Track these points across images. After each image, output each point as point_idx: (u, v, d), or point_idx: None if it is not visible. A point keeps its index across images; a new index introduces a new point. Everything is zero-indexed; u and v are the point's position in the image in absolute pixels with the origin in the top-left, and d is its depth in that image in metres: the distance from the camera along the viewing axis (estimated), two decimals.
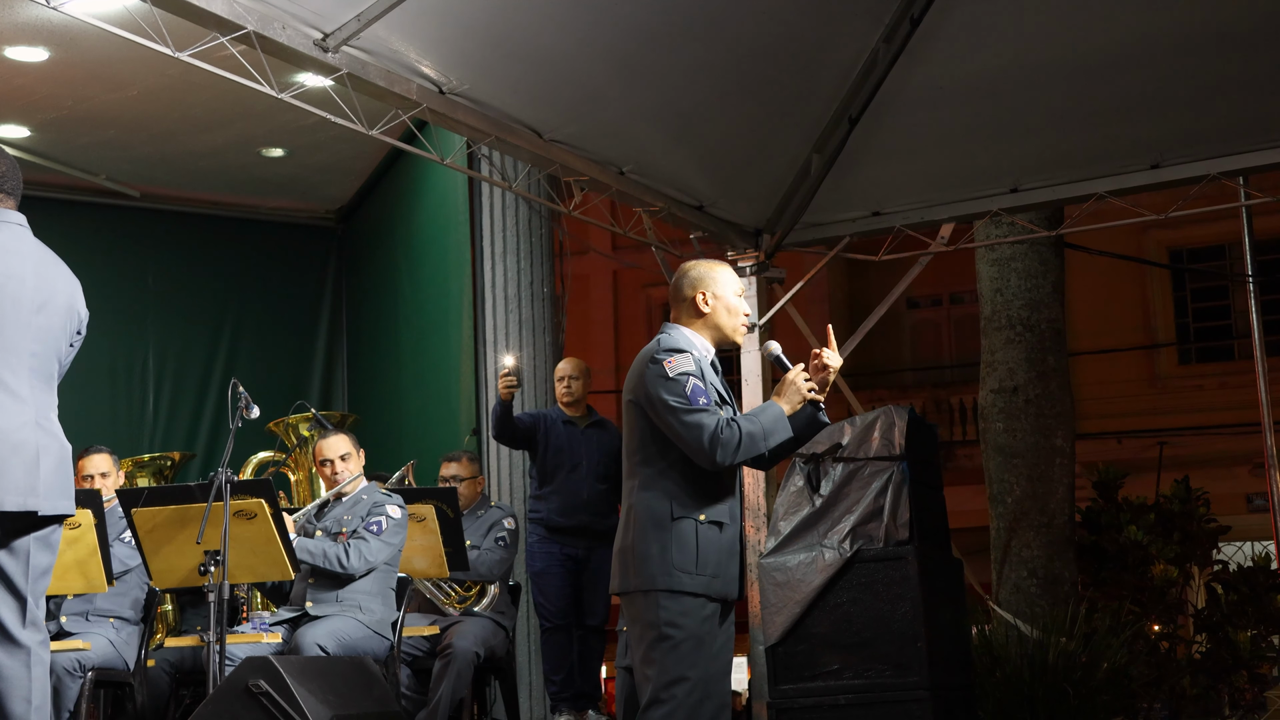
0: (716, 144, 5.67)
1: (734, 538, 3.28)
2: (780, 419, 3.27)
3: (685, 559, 3.18)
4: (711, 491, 3.24)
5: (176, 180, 8.09)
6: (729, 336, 3.41)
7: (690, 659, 3.15)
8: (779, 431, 3.26)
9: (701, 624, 3.18)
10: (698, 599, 3.18)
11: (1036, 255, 7.23)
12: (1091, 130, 5.59)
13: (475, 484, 5.80)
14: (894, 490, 5.09)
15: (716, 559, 3.21)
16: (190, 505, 4.30)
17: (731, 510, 3.29)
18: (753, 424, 3.23)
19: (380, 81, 4.60)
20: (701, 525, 3.20)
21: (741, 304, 3.42)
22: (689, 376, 3.22)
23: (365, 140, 5.01)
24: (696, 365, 3.26)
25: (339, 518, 4.90)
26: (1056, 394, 7.16)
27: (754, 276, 6.25)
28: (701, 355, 3.34)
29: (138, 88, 6.78)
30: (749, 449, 3.20)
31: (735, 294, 3.41)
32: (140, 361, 8.13)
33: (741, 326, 3.41)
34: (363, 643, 4.67)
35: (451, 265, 7.38)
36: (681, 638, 3.15)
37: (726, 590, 3.24)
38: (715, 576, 3.20)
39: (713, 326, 3.39)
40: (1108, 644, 6.26)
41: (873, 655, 4.95)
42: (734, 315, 3.40)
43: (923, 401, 14.47)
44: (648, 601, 3.18)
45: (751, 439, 3.21)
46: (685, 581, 3.17)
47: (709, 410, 3.20)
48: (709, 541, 3.21)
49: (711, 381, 3.31)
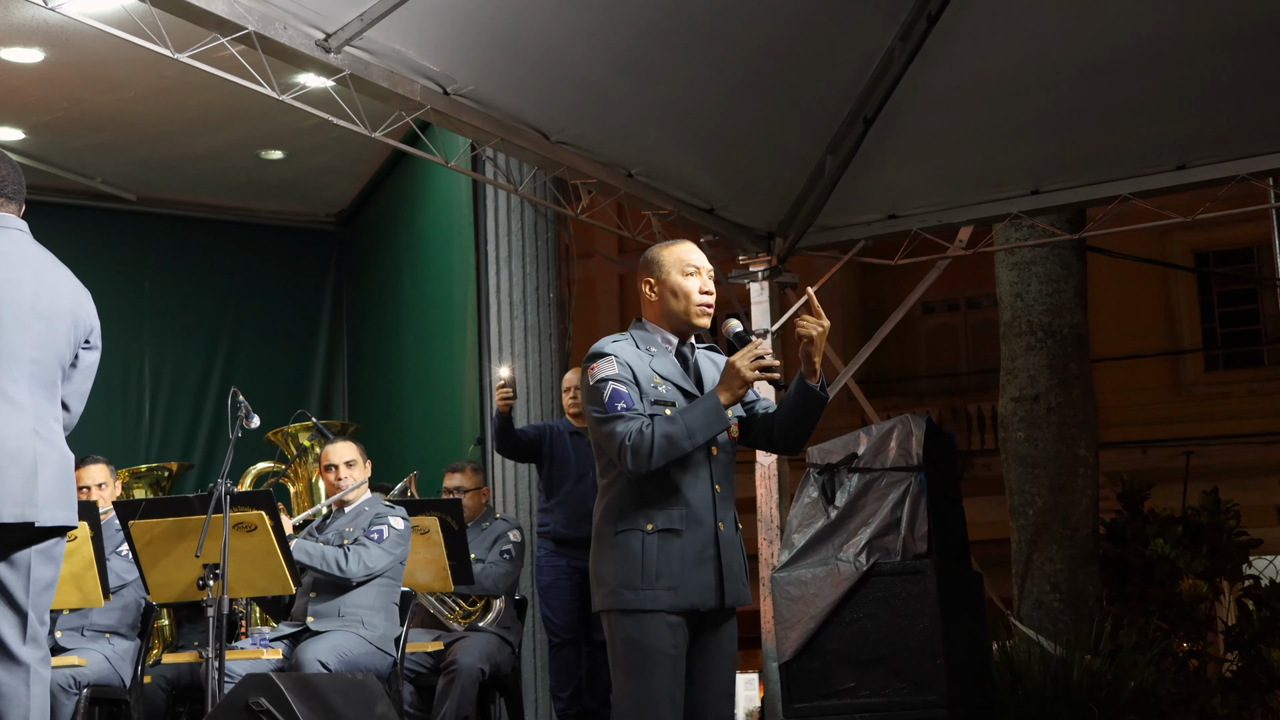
0: (727, 145, 5.67)
1: (700, 542, 3.12)
2: (712, 412, 3.08)
3: (631, 573, 3.09)
4: (659, 499, 3.11)
5: (174, 184, 8.12)
6: (683, 322, 3.22)
7: (643, 680, 3.05)
8: (707, 426, 3.08)
9: (658, 641, 3.06)
10: (654, 614, 3.07)
11: (1058, 259, 7.23)
12: (1115, 130, 5.59)
13: (480, 495, 5.81)
14: (911, 501, 5.09)
15: (671, 569, 3.09)
16: (188, 517, 4.30)
17: (690, 515, 3.12)
18: (673, 425, 3.07)
19: (383, 82, 4.62)
20: (648, 536, 3.09)
21: (694, 282, 3.20)
22: (607, 382, 3.13)
23: (367, 142, 5.03)
24: (620, 366, 3.14)
25: (341, 529, 4.91)
26: (1079, 402, 7.16)
27: (766, 281, 6.26)
28: (660, 349, 3.21)
29: (134, 89, 6.82)
30: (665, 452, 3.05)
31: (682, 273, 3.20)
32: (136, 370, 8.15)
33: (699, 308, 3.20)
34: (365, 659, 4.68)
35: (455, 270, 7.39)
36: (637, 658, 3.07)
37: (694, 600, 3.10)
38: (672, 588, 3.07)
39: (666, 314, 3.23)
40: (1134, 661, 6.25)
41: (890, 672, 4.95)
42: (683, 298, 3.20)
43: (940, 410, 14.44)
44: (609, 621, 3.15)
45: (669, 441, 3.05)
46: (632, 599, 3.08)
47: (624, 416, 3.09)
48: (658, 551, 3.09)
49: (662, 380, 3.16)
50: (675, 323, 3.25)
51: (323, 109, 4.67)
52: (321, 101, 4.68)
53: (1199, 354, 14.66)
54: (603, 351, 3.20)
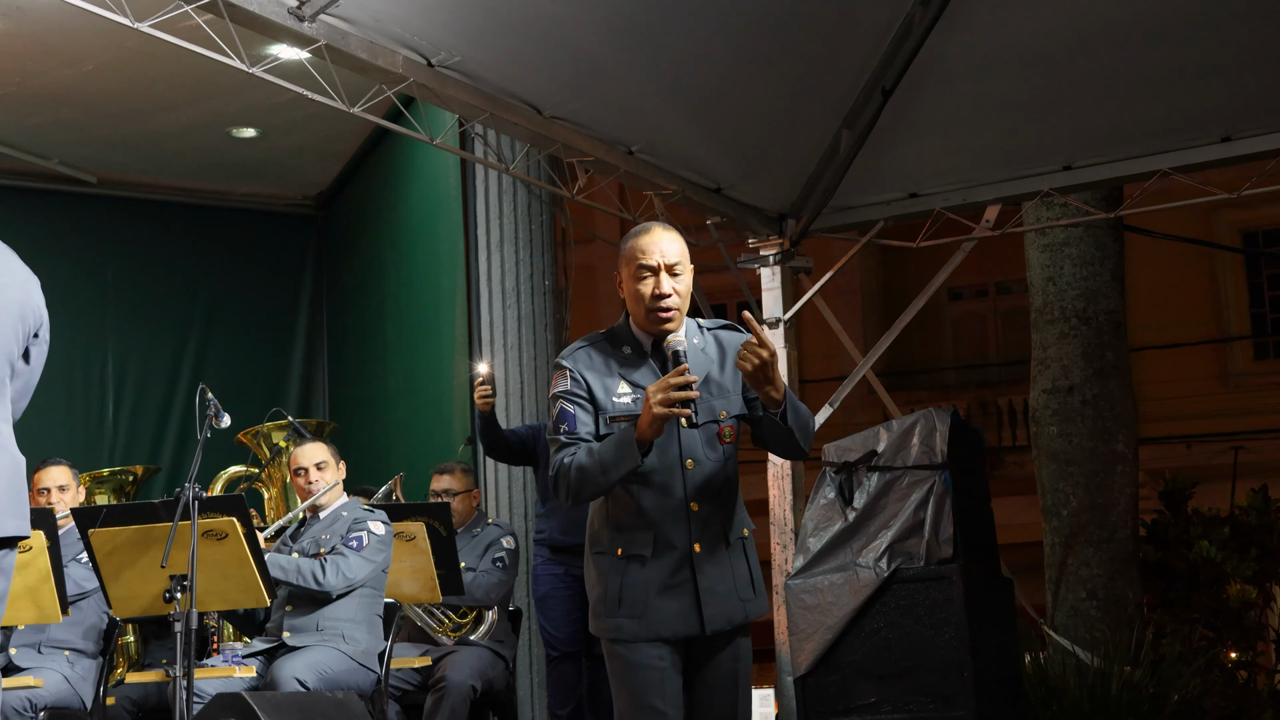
0: (735, 120, 5.66)
1: (668, 568, 3.08)
2: (625, 447, 2.97)
3: (599, 601, 3.14)
4: (625, 520, 3.11)
5: (138, 164, 8.13)
6: (644, 328, 3.12)
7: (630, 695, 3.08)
8: (621, 461, 2.98)
9: (640, 655, 3.08)
10: (632, 646, 3.09)
11: (1093, 240, 7.22)
12: (1154, 100, 5.58)
13: (470, 499, 5.81)
14: (936, 502, 5.09)
15: (635, 597, 3.08)
16: (154, 525, 4.30)
17: (660, 537, 3.08)
18: (589, 457, 3.01)
19: (362, 54, 4.61)
20: (617, 560, 3.11)
21: (645, 286, 3.06)
22: (558, 399, 3.10)
23: (346, 119, 5.01)
24: (576, 381, 3.09)
25: (317, 537, 4.92)
26: (1116, 394, 7.15)
27: (778, 266, 6.25)
28: (634, 350, 3.14)
29: (93, 62, 6.81)
30: (583, 486, 3.02)
31: (633, 276, 3.08)
32: (98, 366, 8.16)
33: (652, 315, 3.07)
34: (346, 676, 4.69)
35: (443, 256, 7.39)
36: (622, 674, 3.10)
37: (661, 630, 3.08)
38: (635, 617, 3.08)
39: (634, 314, 3.14)
40: (1178, 673, 6.26)
41: (913, 687, 4.95)
42: (638, 302, 3.08)
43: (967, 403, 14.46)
44: (602, 645, 3.21)
45: (583, 474, 3.01)
46: (603, 627, 3.13)
47: (560, 440, 3.07)
48: (624, 583, 3.09)
49: (629, 388, 3.09)
50: (643, 324, 3.14)
51: (297, 83, 4.66)
52: (296, 75, 4.67)
53: (1247, 341, 14.66)
54: (559, 363, 3.16)
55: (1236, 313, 14.61)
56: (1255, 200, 6.34)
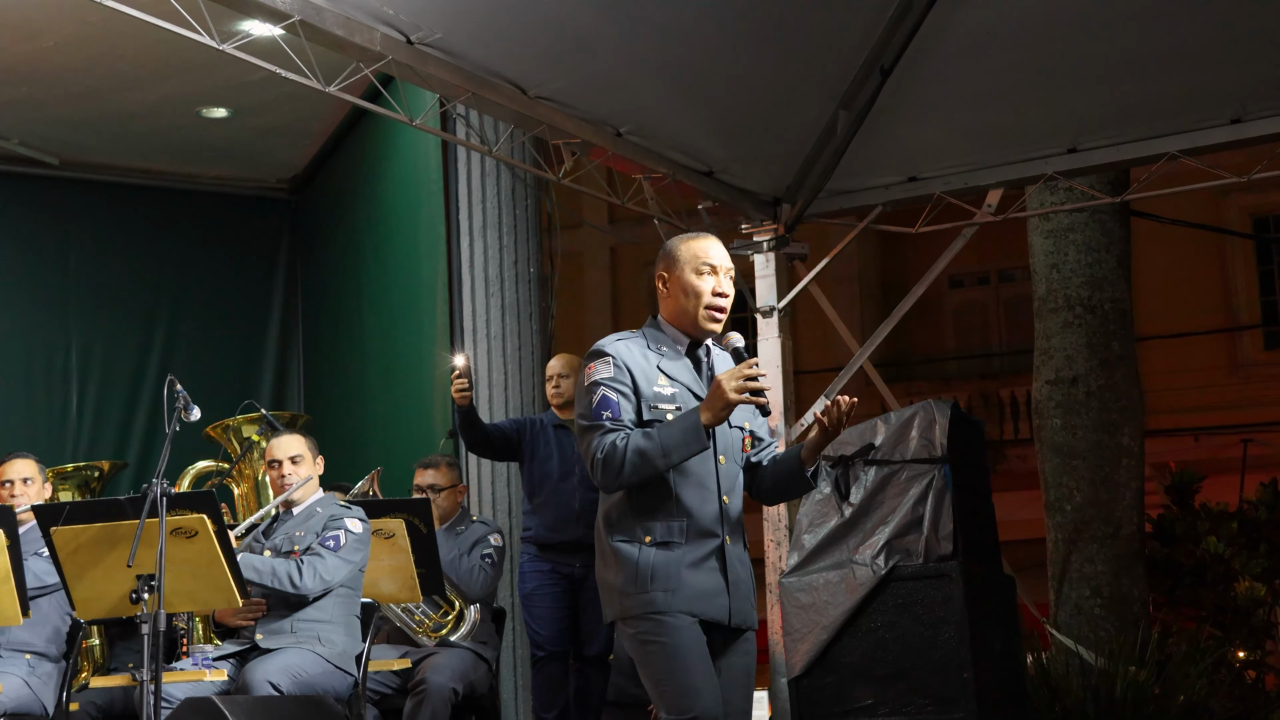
0: (728, 100, 5.66)
1: (697, 556, 3.28)
2: (690, 432, 3.22)
3: (628, 581, 3.27)
4: (655, 509, 3.28)
5: (102, 146, 8.10)
6: (695, 324, 3.39)
7: (674, 659, 3.21)
8: (684, 446, 3.22)
9: (679, 633, 3.23)
10: (670, 615, 3.24)
11: (1098, 225, 7.24)
12: (1162, 80, 5.59)
13: (455, 494, 5.81)
14: (935, 497, 5.11)
15: (667, 573, 3.26)
16: (120, 523, 4.28)
17: (692, 526, 3.29)
18: (648, 441, 3.22)
19: (338, 30, 4.60)
20: (645, 548, 3.27)
21: (708, 282, 3.37)
22: (598, 386, 3.29)
23: (322, 98, 5.00)
24: (616, 369, 3.30)
25: (290, 534, 4.91)
26: (1122, 385, 7.18)
27: (772, 253, 6.26)
28: (670, 349, 3.37)
29: (54, 37, 6.78)
30: (637, 469, 3.22)
31: (695, 271, 3.37)
32: (61, 356, 8.14)
33: (708, 311, 3.37)
34: (322, 679, 4.69)
35: (423, 243, 7.38)
36: (664, 653, 3.22)
37: (692, 605, 3.26)
38: (669, 590, 3.25)
39: (677, 314, 3.40)
40: (1184, 673, 6.30)
41: (912, 688, 4.97)
42: (692, 297, 3.37)
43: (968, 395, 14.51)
44: (623, 631, 3.33)
45: (641, 458, 3.21)
46: (633, 604, 3.26)
47: (604, 426, 3.26)
48: (654, 561, 3.26)
49: (669, 381, 3.32)
50: (685, 323, 3.40)
51: (270, 60, 4.65)
52: (269, 52, 4.66)
53: (1258, 331, 14.72)
54: (602, 351, 3.35)
55: (1246, 301, 14.67)
56: (1266, 184, 6.36)
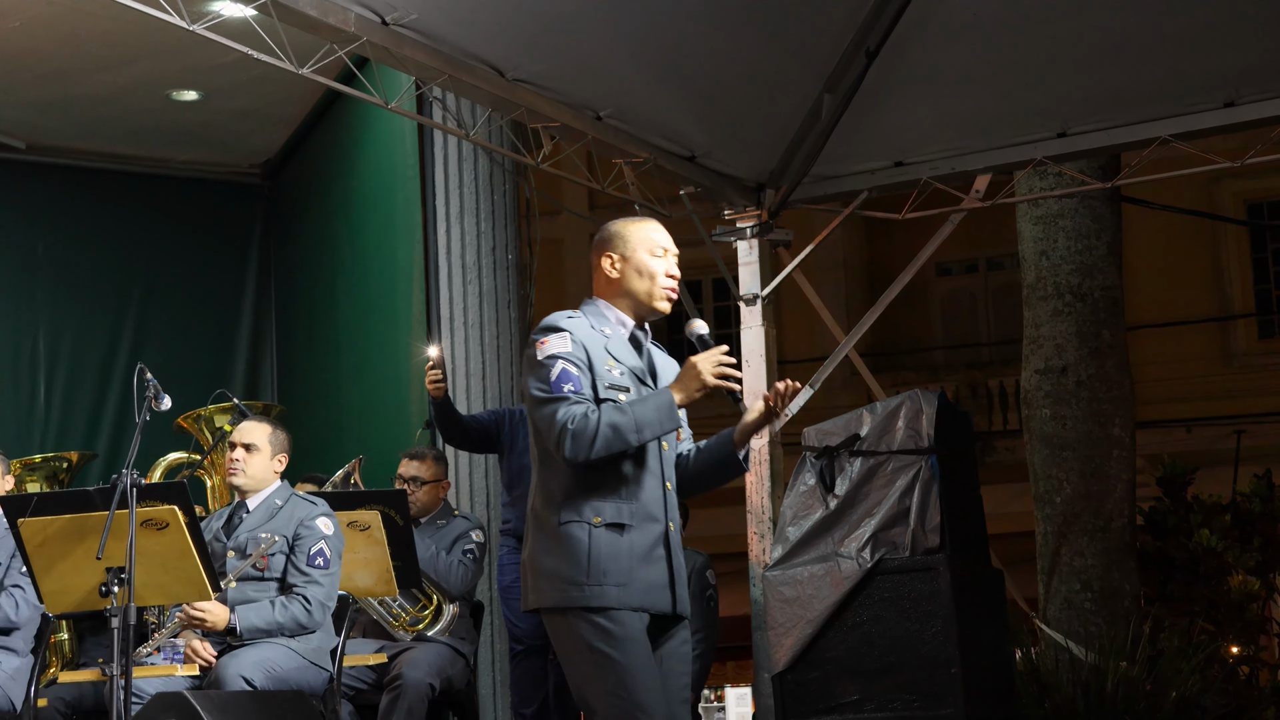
0: (710, 83, 5.67)
1: (648, 541, 3.31)
2: (665, 409, 3.28)
3: (575, 569, 3.25)
4: (606, 489, 3.29)
5: (70, 129, 8.07)
6: (647, 304, 3.44)
7: (620, 674, 3.20)
8: (658, 423, 3.27)
9: (626, 629, 3.23)
10: (614, 612, 3.23)
11: (1088, 211, 7.26)
12: (1154, 63, 5.61)
13: (438, 489, 5.80)
14: (922, 489, 5.12)
15: (619, 566, 3.25)
16: (89, 514, 4.27)
17: (639, 510, 3.31)
18: (621, 415, 3.25)
19: (311, 11, 4.59)
20: (595, 529, 3.27)
21: (661, 264, 3.43)
22: (556, 359, 3.30)
23: (295, 81, 4.99)
24: (575, 345, 3.32)
25: (254, 535, 4.81)
26: (1113, 375, 7.20)
27: (755, 239, 6.27)
28: (615, 331, 3.41)
29: (20, 18, 6.75)
30: (610, 443, 3.22)
31: (649, 252, 3.44)
32: (29, 345, 8.12)
33: (663, 291, 3.43)
34: (296, 674, 4.69)
35: (399, 229, 7.38)
36: (608, 652, 3.22)
37: (644, 600, 3.27)
38: (621, 585, 3.25)
39: (626, 295, 3.44)
40: (1176, 669, 6.32)
41: (898, 683, 4.99)
42: (647, 279, 3.42)
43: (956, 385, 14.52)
44: (560, 622, 3.31)
45: (614, 431, 3.22)
46: (582, 595, 3.25)
47: (569, 399, 3.26)
48: (604, 546, 3.26)
49: (615, 363, 3.36)
50: (635, 304, 3.44)
51: (242, 42, 4.64)
52: (240, 33, 4.65)
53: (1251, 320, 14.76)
54: (557, 326, 3.36)
55: (1240, 289, 14.70)
56: (1260, 169, 6.39)
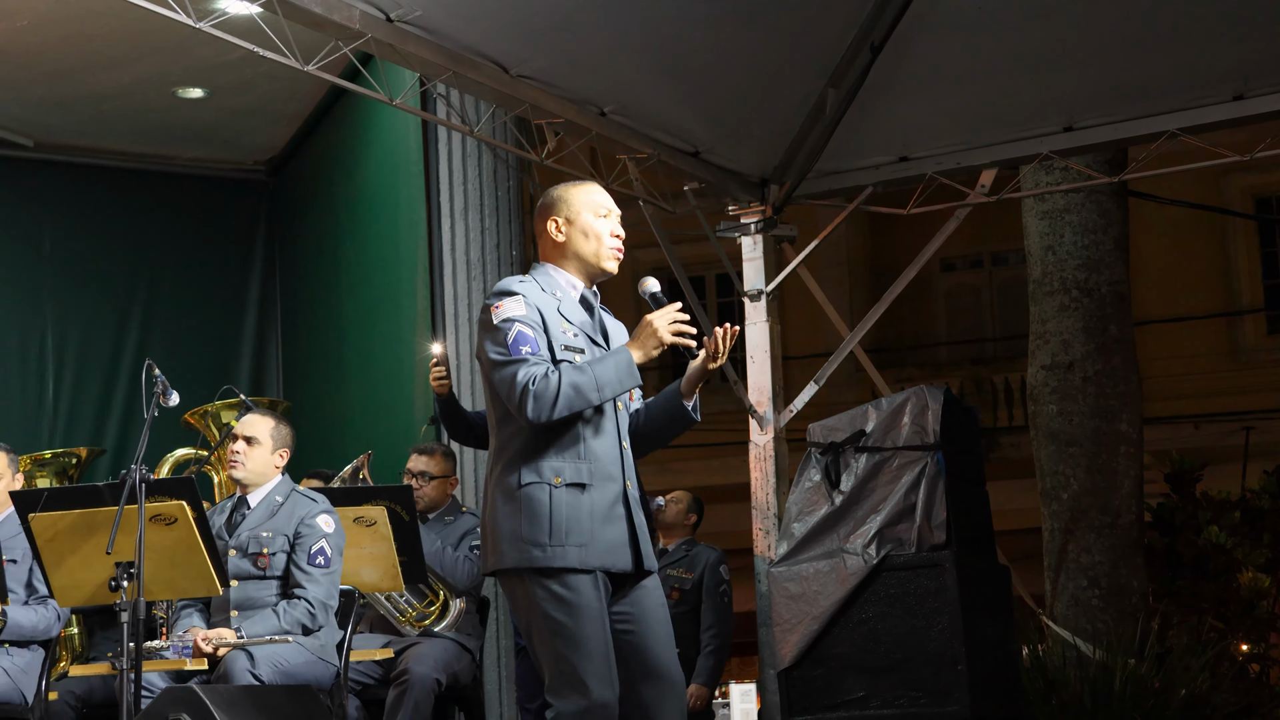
0: (714, 79, 5.68)
1: (609, 500, 3.36)
2: (624, 368, 3.34)
3: (537, 530, 3.30)
4: (569, 449, 3.35)
5: (76, 127, 8.09)
6: (595, 265, 3.50)
7: (572, 640, 3.25)
8: (618, 382, 3.34)
9: (581, 596, 3.28)
10: (575, 574, 3.28)
11: (1095, 206, 7.26)
12: (1161, 56, 5.61)
13: (446, 484, 5.81)
14: (927, 485, 5.13)
15: (581, 526, 3.31)
16: (98, 509, 4.31)
17: (598, 470, 3.36)
18: (582, 374, 3.31)
19: (316, 8, 4.61)
20: (556, 490, 3.31)
21: (605, 224, 3.49)
22: (513, 323, 3.34)
23: (300, 78, 5.01)
24: (528, 308, 3.36)
25: (256, 533, 4.83)
26: (1120, 370, 7.21)
27: (760, 235, 6.28)
28: (565, 294, 3.46)
29: (28, 16, 6.77)
30: (571, 402, 3.28)
31: (595, 215, 3.49)
32: (37, 341, 8.13)
33: (609, 251, 3.49)
34: (304, 669, 4.71)
35: (403, 225, 7.39)
36: (562, 617, 3.27)
37: (605, 560, 3.33)
38: (583, 545, 3.30)
39: (572, 257, 3.50)
40: (1185, 666, 6.31)
41: (904, 680, 5.00)
42: (594, 239, 3.48)
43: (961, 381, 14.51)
44: (516, 584, 3.34)
45: (576, 390, 3.28)
46: (540, 556, 3.29)
47: (527, 360, 3.31)
48: (565, 507, 3.31)
49: (568, 325, 3.41)
50: (583, 266, 3.51)
51: (247, 39, 4.66)
52: (246, 30, 4.67)
53: (1260, 315, 14.74)
54: (510, 290, 3.41)
55: (1248, 284, 14.68)
56: (1269, 163, 6.37)
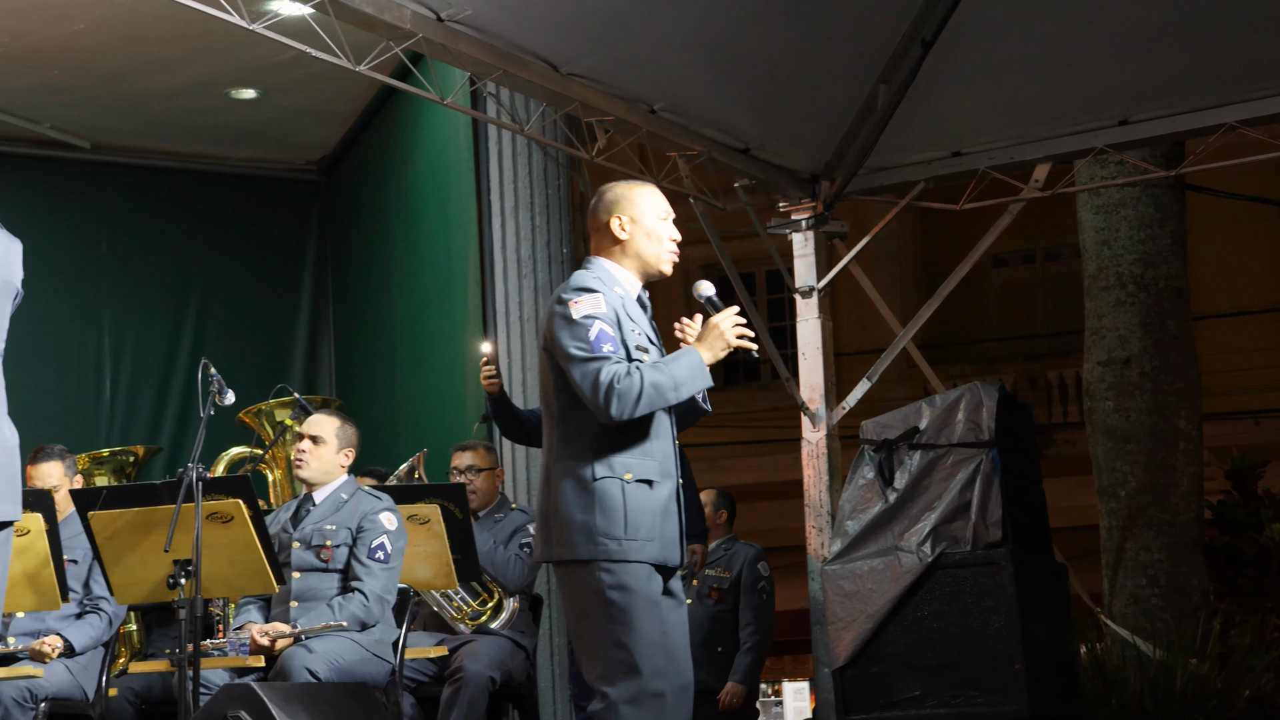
0: (765, 75, 5.68)
1: (668, 496, 3.44)
2: (697, 368, 3.42)
3: (612, 524, 3.36)
4: (637, 446, 3.41)
5: (132, 128, 8.17)
6: (654, 266, 3.55)
7: (634, 626, 3.32)
8: (693, 381, 3.42)
9: (646, 586, 3.36)
10: (638, 565, 3.36)
11: (1151, 200, 7.21)
12: (1218, 47, 5.57)
13: (493, 477, 5.84)
14: (983, 482, 5.11)
15: (649, 521, 3.38)
16: (156, 507, 4.35)
17: (663, 466, 3.44)
18: (660, 373, 3.38)
19: (367, 8, 4.65)
20: (628, 485, 3.38)
21: (667, 229, 3.54)
22: (594, 320, 3.38)
23: (351, 78, 5.05)
24: (608, 307, 3.41)
25: (320, 527, 4.88)
26: (1178, 366, 7.15)
27: (811, 231, 6.27)
28: (625, 291, 3.50)
29: (85, 20, 6.85)
30: (652, 401, 3.35)
31: (658, 218, 3.54)
32: (94, 341, 8.23)
33: (668, 254, 3.54)
34: (359, 666, 4.74)
35: (454, 224, 7.42)
36: (626, 605, 3.33)
37: (665, 555, 3.41)
38: (650, 540, 3.38)
39: (633, 256, 3.54)
40: (1248, 666, 6.26)
41: (960, 679, 4.98)
42: (655, 241, 3.53)
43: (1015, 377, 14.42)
44: (581, 572, 3.38)
45: (657, 390, 3.35)
46: (616, 549, 3.35)
47: (609, 358, 3.36)
48: (638, 502, 3.38)
49: (632, 323, 3.46)
50: (642, 266, 3.55)
51: (299, 39, 4.70)
52: (298, 31, 4.71)
53: None
54: (589, 286, 3.45)
55: None
56: None
